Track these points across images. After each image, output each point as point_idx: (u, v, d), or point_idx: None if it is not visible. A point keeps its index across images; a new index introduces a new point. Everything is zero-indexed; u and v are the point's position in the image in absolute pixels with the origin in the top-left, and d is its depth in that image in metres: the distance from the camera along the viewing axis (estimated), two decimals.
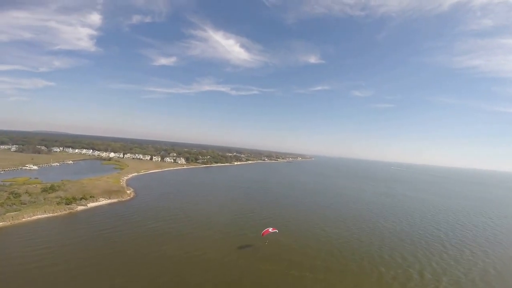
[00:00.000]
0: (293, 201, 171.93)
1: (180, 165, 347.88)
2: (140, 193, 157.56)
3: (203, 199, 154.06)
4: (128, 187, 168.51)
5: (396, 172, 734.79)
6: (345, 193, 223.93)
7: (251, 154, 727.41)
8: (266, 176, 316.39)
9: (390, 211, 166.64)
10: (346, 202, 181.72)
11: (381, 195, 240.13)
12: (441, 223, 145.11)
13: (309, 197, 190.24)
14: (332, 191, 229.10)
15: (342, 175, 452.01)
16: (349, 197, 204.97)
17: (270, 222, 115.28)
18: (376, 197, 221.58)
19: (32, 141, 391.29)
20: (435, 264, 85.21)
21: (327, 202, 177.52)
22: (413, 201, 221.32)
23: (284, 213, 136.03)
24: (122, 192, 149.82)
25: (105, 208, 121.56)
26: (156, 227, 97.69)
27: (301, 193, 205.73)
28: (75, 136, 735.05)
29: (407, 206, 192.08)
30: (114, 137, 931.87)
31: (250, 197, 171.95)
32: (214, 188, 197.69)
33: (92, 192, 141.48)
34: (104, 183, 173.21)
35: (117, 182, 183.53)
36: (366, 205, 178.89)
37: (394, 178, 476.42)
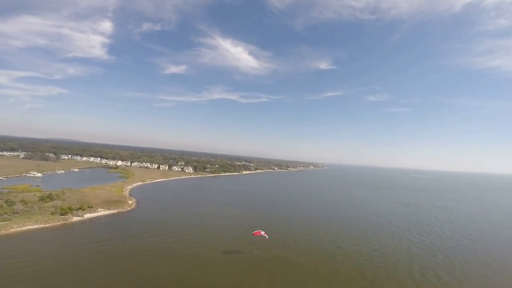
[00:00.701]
0: (305, 214, 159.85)
1: (187, 174, 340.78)
2: (142, 203, 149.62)
3: (207, 212, 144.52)
4: (130, 197, 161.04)
5: (416, 179, 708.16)
6: (363, 204, 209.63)
7: (260, 163, 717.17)
8: (276, 186, 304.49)
9: (416, 223, 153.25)
10: (365, 215, 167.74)
11: (403, 205, 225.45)
12: (476, 234, 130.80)
13: (323, 210, 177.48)
14: (348, 203, 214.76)
15: (358, 184, 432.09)
16: (368, 209, 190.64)
17: (279, 238, 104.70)
18: (398, 208, 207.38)
19: (41, 148, 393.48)
20: (478, 283, 72.97)
21: (343, 215, 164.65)
22: (440, 211, 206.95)
23: (295, 228, 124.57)
24: (123, 203, 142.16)
25: (103, 219, 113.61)
26: (153, 242, 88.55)
27: (314, 206, 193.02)
28: (85, 144, 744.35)
29: (434, 217, 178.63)
30: (124, 146, 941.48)
31: (257, 210, 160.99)
32: (220, 199, 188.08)
33: (91, 202, 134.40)
34: (106, 192, 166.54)
35: (120, 191, 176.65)
36: (388, 217, 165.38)
37: (415, 187, 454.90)
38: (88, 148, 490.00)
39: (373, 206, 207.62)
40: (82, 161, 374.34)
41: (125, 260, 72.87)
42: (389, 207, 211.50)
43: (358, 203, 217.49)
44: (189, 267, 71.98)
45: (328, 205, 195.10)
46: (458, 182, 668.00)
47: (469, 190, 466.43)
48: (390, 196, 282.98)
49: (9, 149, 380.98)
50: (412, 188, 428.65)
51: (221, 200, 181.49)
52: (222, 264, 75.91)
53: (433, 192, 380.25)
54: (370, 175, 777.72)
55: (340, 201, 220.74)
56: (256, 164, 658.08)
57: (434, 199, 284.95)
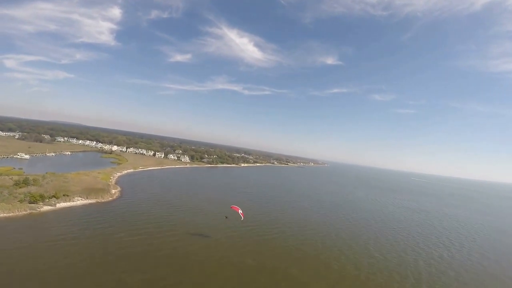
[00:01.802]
0: (302, 216, 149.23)
1: (183, 163, 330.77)
2: (126, 193, 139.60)
3: (196, 205, 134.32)
4: (115, 186, 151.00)
5: (418, 183, 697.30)
6: (365, 208, 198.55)
7: (259, 156, 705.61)
8: (274, 182, 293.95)
9: (422, 232, 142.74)
10: (367, 220, 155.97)
11: (408, 210, 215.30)
12: (487, 247, 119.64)
13: (322, 213, 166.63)
14: (349, 205, 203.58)
15: (360, 184, 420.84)
16: (370, 213, 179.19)
17: (271, 244, 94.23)
18: (402, 213, 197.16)
19: (38, 130, 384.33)
20: None
21: (343, 218, 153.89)
22: (447, 219, 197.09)
23: (291, 233, 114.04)
24: (105, 192, 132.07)
25: (77, 210, 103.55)
26: (126, 243, 78.16)
27: (313, 207, 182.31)
28: (87, 128, 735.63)
29: (441, 225, 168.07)
30: (125, 131, 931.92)
31: (250, 207, 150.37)
32: (213, 191, 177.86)
33: (70, 190, 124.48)
34: (91, 179, 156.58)
35: (107, 178, 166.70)
36: (392, 224, 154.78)
37: (419, 191, 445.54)
38: (86, 131, 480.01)
39: (376, 210, 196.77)
40: (78, 144, 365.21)
41: (86, 264, 62.60)
42: (393, 212, 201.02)
43: (360, 206, 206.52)
44: (163, 273, 61.61)
45: (328, 207, 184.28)
46: (467, 190, 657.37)
47: (478, 197, 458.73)
48: (394, 200, 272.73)
49: (6, 129, 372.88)
50: (417, 192, 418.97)
51: (211, 193, 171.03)
52: (204, 269, 65.48)
53: (439, 197, 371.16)
54: (372, 176, 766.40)
55: (340, 203, 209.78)
56: (255, 157, 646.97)
57: (440, 205, 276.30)
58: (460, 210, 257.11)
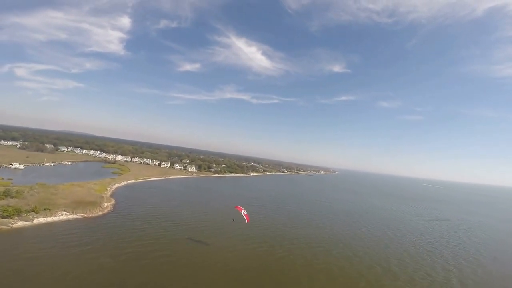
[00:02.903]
0: (314, 230, 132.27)
1: (189, 173, 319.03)
2: (120, 206, 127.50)
3: (197, 220, 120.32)
4: (110, 198, 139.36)
5: (430, 189, 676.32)
6: (381, 218, 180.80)
7: (269, 165, 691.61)
8: (284, 191, 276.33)
9: (451, 244, 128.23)
10: (384, 231, 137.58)
11: (428, 220, 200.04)
12: None
13: (335, 224, 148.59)
14: (364, 215, 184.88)
15: (373, 192, 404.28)
16: (387, 224, 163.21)
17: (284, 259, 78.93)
18: (423, 224, 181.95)
19: (42, 139, 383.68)
20: None
21: (359, 232, 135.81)
22: (471, 227, 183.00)
23: (300, 252, 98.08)
24: (96, 205, 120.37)
25: (57, 226, 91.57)
26: (104, 266, 64.71)
27: (325, 217, 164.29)
28: (95, 137, 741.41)
29: (466, 235, 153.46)
30: (134, 141, 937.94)
31: (259, 223, 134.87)
32: (218, 204, 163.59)
33: (56, 203, 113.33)
34: (84, 190, 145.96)
35: (103, 190, 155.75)
36: (414, 236, 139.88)
37: (434, 198, 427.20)
38: (92, 141, 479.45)
39: (394, 221, 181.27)
40: (81, 154, 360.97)
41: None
42: (412, 221, 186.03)
43: (376, 216, 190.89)
44: None
45: (342, 219, 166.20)
46: (478, 195, 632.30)
47: (495, 202, 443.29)
48: (410, 208, 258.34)
49: (9, 138, 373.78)
50: (432, 199, 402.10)
51: (215, 206, 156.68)
52: None
53: (455, 204, 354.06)
54: (383, 183, 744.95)
55: (354, 213, 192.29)
56: (265, 166, 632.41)
57: (460, 213, 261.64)
58: (482, 217, 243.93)
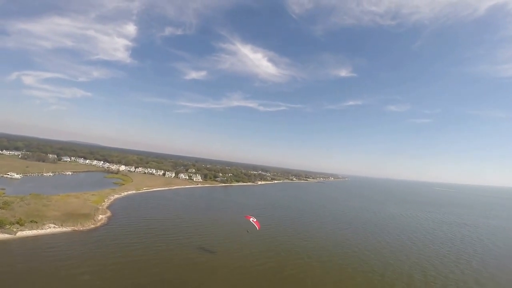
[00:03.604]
0: (325, 242, 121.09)
1: (194, 182, 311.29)
2: (116, 219, 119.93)
3: (197, 235, 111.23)
4: (106, 210, 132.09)
5: (445, 193, 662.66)
6: (399, 226, 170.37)
7: (277, 173, 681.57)
8: (293, 200, 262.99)
9: (478, 253, 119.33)
10: (404, 242, 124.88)
11: (447, 225, 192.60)
12: None
13: (350, 237, 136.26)
14: (379, 223, 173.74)
15: (386, 198, 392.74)
16: (406, 232, 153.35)
17: None
18: (443, 230, 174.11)
19: (46, 149, 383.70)
20: None
21: (375, 242, 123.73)
22: (499, 233, 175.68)
23: (311, 267, 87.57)
24: (89, 217, 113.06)
25: (42, 240, 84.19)
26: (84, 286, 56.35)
27: (338, 228, 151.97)
28: (102, 147, 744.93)
29: (492, 242, 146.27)
30: (142, 151, 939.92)
31: (265, 236, 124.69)
32: (222, 216, 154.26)
33: (45, 215, 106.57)
34: (80, 201, 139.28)
35: (100, 201, 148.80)
36: (437, 246, 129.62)
37: (449, 201, 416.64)
38: (96, 151, 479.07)
39: (412, 228, 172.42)
40: (84, 164, 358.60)
41: None
42: (432, 228, 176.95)
43: (391, 224, 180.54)
44: None
45: (355, 227, 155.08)
46: (493, 197, 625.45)
47: None
48: (427, 214, 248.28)
49: (13, 148, 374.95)
50: (447, 203, 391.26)
51: (218, 218, 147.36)
52: None
53: (472, 208, 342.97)
54: (395, 188, 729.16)
55: (369, 222, 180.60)
56: (273, 174, 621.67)
57: (480, 217, 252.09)
58: (504, 221, 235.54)
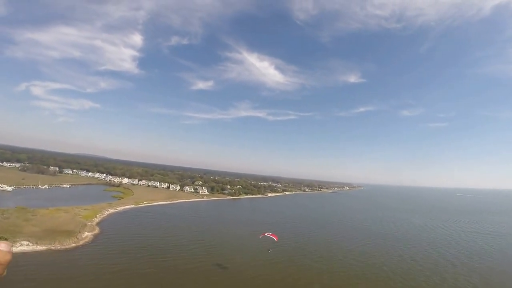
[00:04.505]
0: (342, 264, 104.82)
1: (200, 196, 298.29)
2: (103, 237, 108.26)
3: (195, 259, 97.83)
4: (95, 227, 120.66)
5: (469, 199, 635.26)
6: (430, 241, 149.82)
7: (289, 184, 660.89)
8: (306, 213, 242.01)
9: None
10: (439, 261, 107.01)
11: (483, 237, 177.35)
12: None
13: (372, 259, 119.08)
14: (404, 236, 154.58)
15: (407, 207, 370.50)
16: (438, 248, 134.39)
17: None
18: (479, 244, 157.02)
19: (48, 161, 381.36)
20: None
21: (410, 266, 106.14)
22: None
23: None
24: (72, 235, 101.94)
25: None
26: None
27: (357, 247, 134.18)
28: (107, 160, 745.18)
29: None
30: (150, 163, 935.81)
31: (275, 259, 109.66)
32: (225, 234, 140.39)
33: (22, 231, 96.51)
34: (69, 216, 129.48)
35: (91, 216, 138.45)
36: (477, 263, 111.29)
37: (477, 208, 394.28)
38: (101, 163, 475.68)
39: (440, 241, 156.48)
40: (86, 177, 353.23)
41: None
42: (465, 241, 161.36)
43: (417, 237, 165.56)
44: None
45: (376, 243, 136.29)
46: None
47: None
48: (458, 224, 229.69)
49: (15, 160, 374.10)
50: (475, 210, 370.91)
51: (226, 236, 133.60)
52: None
53: (504, 214, 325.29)
54: (415, 196, 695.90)
55: (391, 235, 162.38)
56: (284, 185, 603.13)
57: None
58: None
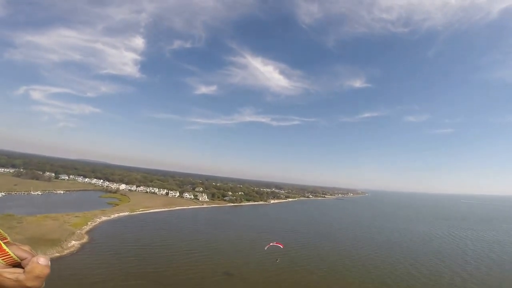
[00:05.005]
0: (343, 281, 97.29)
1: (200, 202, 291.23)
2: (90, 247, 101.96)
3: (186, 274, 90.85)
4: (83, 235, 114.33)
5: (474, 206, 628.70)
6: (435, 250, 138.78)
7: (292, 190, 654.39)
8: (309, 222, 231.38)
9: None
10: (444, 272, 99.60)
11: (492, 245, 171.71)
12: None
13: (379, 271, 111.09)
14: (414, 248, 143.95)
15: (412, 214, 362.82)
16: (444, 259, 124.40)
17: None
18: (489, 253, 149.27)
19: (44, 167, 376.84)
20: None
21: (404, 274, 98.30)
22: None
23: None
24: (56, 244, 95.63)
25: None
26: None
27: (363, 261, 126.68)
28: (108, 166, 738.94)
29: None
30: (152, 169, 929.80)
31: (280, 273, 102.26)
32: (222, 245, 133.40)
33: None
34: (56, 224, 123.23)
35: (81, 224, 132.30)
36: (486, 274, 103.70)
37: (484, 215, 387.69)
38: (99, 169, 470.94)
39: (450, 252, 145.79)
40: (82, 183, 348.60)
41: None
42: (476, 251, 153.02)
43: (426, 247, 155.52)
44: None
45: (381, 251, 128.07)
46: None
47: None
48: (463, 231, 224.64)
49: (10, 165, 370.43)
50: (482, 217, 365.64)
51: (222, 247, 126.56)
52: None
53: None
54: (418, 203, 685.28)
55: (397, 244, 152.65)
56: (287, 191, 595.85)
57: None
58: None
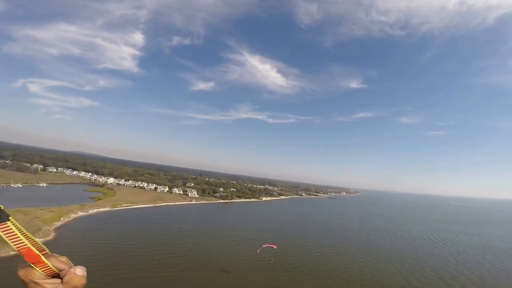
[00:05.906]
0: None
1: (188, 198, 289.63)
2: (54, 244, 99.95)
3: (154, 277, 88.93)
4: (51, 232, 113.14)
5: (464, 209, 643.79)
6: (431, 256, 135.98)
7: (285, 187, 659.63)
8: (300, 221, 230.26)
9: None
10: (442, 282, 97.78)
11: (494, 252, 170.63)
12: None
13: (372, 270, 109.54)
14: (409, 253, 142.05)
15: (404, 216, 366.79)
16: (437, 267, 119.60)
17: None
18: (488, 259, 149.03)
19: (33, 159, 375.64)
20: None
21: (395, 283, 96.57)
22: None
23: None
24: None
25: None
26: None
27: (354, 267, 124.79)
28: (103, 159, 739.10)
29: None
30: (145, 163, 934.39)
31: None
32: (204, 247, 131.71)
33: None
34: (26, 219, 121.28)
35: (55, 219, 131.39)
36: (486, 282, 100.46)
37: (476, 219, 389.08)
38: (89, 162, 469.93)
39: (444, 258, 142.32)
40: (70, 175, 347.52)
41: None
42: (471, 256, 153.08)
43: (419, 252, 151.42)
44: None
45: (371, 254, 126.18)
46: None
47: None
48: (455, 235, 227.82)
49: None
50: (473, 221, 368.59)
51: (204, 250, 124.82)
52: None
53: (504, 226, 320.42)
54: (410, 204, 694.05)
55: (392, 248, 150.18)
56: (280, 189, 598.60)
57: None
58: None
